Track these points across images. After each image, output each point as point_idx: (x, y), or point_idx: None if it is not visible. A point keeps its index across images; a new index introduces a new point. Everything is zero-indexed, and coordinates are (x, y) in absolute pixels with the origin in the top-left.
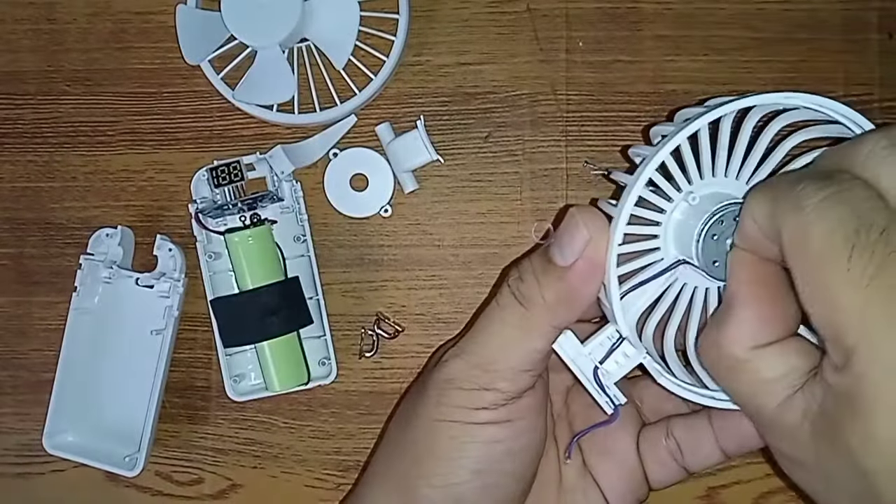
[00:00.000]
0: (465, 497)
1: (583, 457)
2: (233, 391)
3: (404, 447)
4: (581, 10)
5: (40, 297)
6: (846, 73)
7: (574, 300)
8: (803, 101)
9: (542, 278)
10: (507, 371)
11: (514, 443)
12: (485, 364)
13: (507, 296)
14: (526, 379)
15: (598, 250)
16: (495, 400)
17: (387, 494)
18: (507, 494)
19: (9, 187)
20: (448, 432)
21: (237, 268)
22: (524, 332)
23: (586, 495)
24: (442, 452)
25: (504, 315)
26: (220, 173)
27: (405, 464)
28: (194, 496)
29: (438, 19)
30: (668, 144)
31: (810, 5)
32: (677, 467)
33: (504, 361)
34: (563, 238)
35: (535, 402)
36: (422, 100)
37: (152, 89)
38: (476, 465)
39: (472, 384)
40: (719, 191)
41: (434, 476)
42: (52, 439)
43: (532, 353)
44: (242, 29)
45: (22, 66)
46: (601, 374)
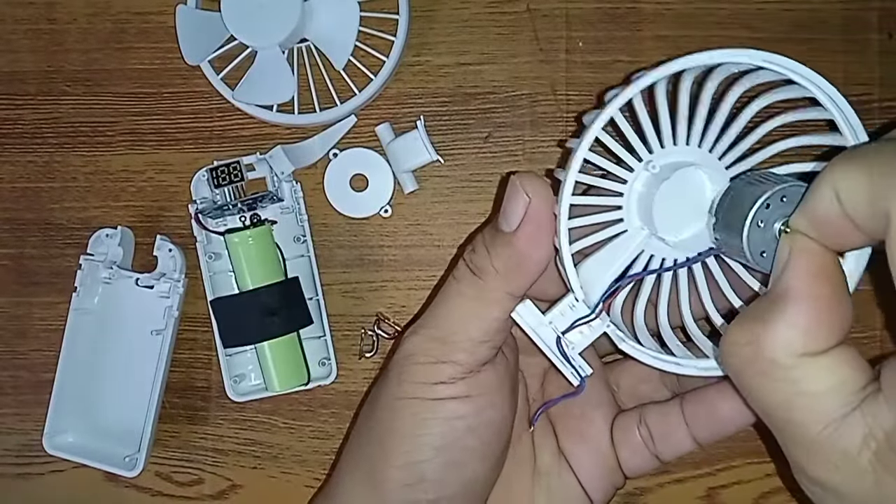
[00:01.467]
0: (428, 475)
1: (557, 441)
2: (233, 391)
3: (369, 431)
4: (581, 10)
5: (40, 297)
6: (846, 73)
7: (524, 265)
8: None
9: (491, 247)
10: (464, 342)
11: (475, 419)
12: (443, 337)
13: (462, 268)
14: (484, 351)
15: (541, 212)
16: (453, 373)
17: (356, 482)
18: (473, 473)
19: (9, 187)
20: (409, 409)
21: (237, 268)
22: (480, 302)
23: (561, 478)
24: (404, 430)
25: (460, 287)
26: (220, 173)
27: (371, 448)
28: (194, 496)
29: (438, 19)
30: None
31: (810, 5)
32: (649, 455)
33: (462, 332)
34: (506, 205)
35: (495, 377)
36: (422, 100)
37: (152, 89)
38: (438, 442)
39: (430, 357)
40: (680, 160)
41: (397, 455)
42: (52, 439)
43: (489, 323)
44: (242, 29)
45: (22, 66)
46: (565, 345)
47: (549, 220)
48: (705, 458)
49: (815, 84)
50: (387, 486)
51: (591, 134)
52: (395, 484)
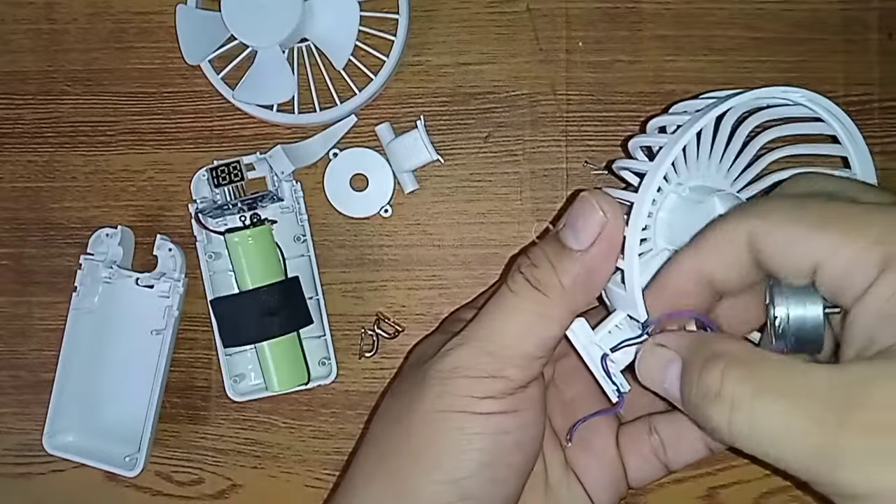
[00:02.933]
0: (471, 492)
1: (564, 452)
2: (233, 391)
3: (397, 444)
4: (581, 10)
5: (40, 297)
6: (846, 73)
7: (592, 283)
8: (802, 99)
9: (557, 263)
10: (519, 358)
11: (521, 434)
12: (497, 351)
13: (520, 282)
14: (536, 367)
15: (615, 232)
16: (504, 388)
17: (376, 497)
18: (511, 490)
19: (9, 187)
20: (453, 423)
21: (237, 268)
22: (542, 318)
23: (570, 490)
24: (447, 445)
25: (518, 302)
26: (220, 173)
27: (399, 461)
28: (194, 496)
29: (438, 19)
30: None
31: (810, 5)
32: (658, 464)
33: (518, 348)
34: (577, 222)
35: (539, 393)
36: (422, 100)
37: (152, 89)
38: (485, 458)
39: (480, 371)
40: (708, 184)
41: (439, 470)
42: (52, 439)
43: (547, 340)
44: (242, 29)
45: (22, 66)
46: (609, 363)
47: (619, 241)
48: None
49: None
50: (419, 501)
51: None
52: (432, 501)
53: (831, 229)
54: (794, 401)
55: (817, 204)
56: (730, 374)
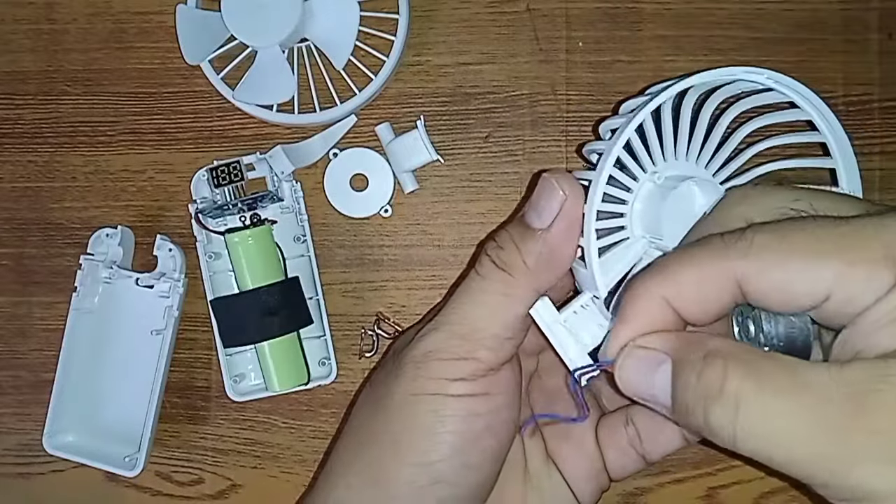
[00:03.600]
0: (444, 476)
1: (545, 442)
2: (233, 391)
3: (375, 431)
4: (581, 10)
5: (40, 297)
6: (846, 73)
7: (555, 261)
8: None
9: (521, 244)
10: (489, 339)
11: (493, 418)
12: (467, 333)
13: (487, 265)
14: (507, 348)
15: (575, 209)
16: (475, 370)
17: (354, 486)
18: (484, 474)
19: (9, 187)
20: (427, 406)
21: (237, 268)
22: (508, 298)
23: (551, 480)
24: (421, 427)
25: (485, 284)
26: (220, 173)
27: (378, 448)
28: (194, 496)
29: (438, 19)
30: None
31: (810, 5)
32: (636, 455)
33: (487, 329)
34: (539, 201)
35: (512, 376)
36: (422, 100)
37: (152, 89)
38: (457, 441)
39: (452, 354)
40: (683, 172)
41: (413, 453)
42: (52, 439)
43: (515, 320)
44: (242, 29)
45: (22, 66)
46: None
47: (579, 219)
48: (705, 458)
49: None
50: (396, 486)
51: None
52: (407, 484)
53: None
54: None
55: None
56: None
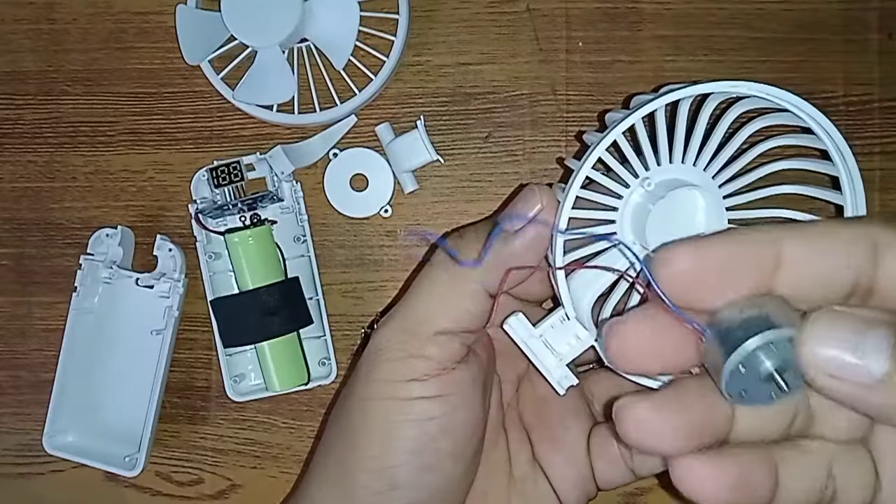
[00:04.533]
0: (401, 480)
1: (532, 448)
2: (233, 391)
3: (339, 432)
4: (581, 10)
5: (40, 297)
6: (846, 73)
7: (509, 264)
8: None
9: (481, 237)
10: (435, 334)
11: (448, 419)
12: (413, 327)
13: (439, 253)
14: (454, 346)
15: (547, 223)
16: (425, 369)
17: (326, 487)
18: (446, 477)
19: (9, 187)
20: (380, 411)
21: (237, 268)
22: (453, 290)
23: (536, 485)
24: (375, 433)
25: (434, 273)
26: (220, 173)
27: (342, 450)
28: (194, 496)
29: (438, 19)
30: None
31: (810, 5)
32: (625, 468)
33: (432, 323)
34: (516, 206)
35: (468, 376)
36: (422, 100)
37: (152, 89)
38: (410, 445)
39: (401, 352)
40: (676, 177)
41: (368, 459)
42: (52, 439)
43: (462, 315)
44: (242, 29)
45: (22, 66)
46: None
47: (547, 232)
48: None
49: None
50: (357, 492)
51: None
52: (367, 490)
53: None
54: None
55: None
56: None
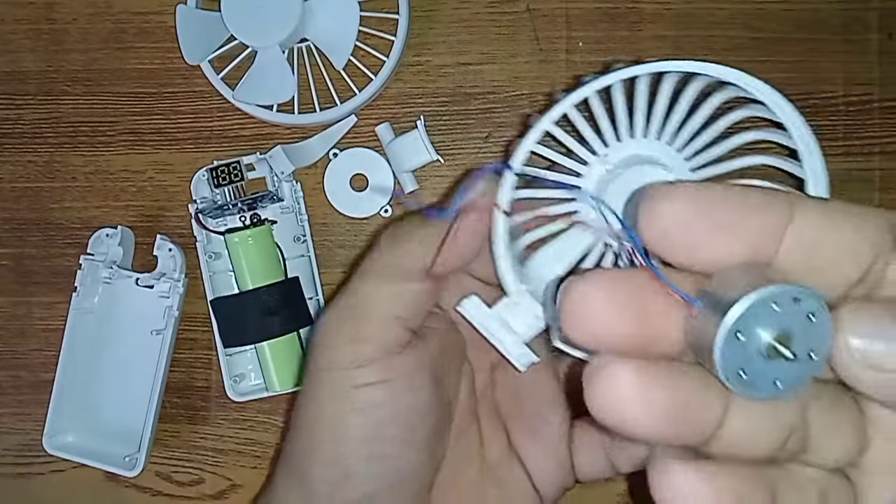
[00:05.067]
0: (354, 469)
1: (509, 436)
2: (233, 391)
3: (297, 425)
4: (581, 10)
5: (40, 297)
6: (846, 73)
7: (450, 246)
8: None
9: (423, 221)
10: (376, 317)
11: (394, 405)
12: (354, 312)
13: (382, 238)
14: (398, 329)
15: (488, 206)
16: (369, 354)
17: (289, 481)
18: (400, 464)
19: (9, 187)
20: (326, 400)
21: (237, 268)
22: (393, 273)
23: (512, 472)
24: (324, 423)
25: (375, 256)
26: (220, 173)
27: (299, 443)
28: (194, 496)
29: (438, 19)
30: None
31: (810, 5)
32: (607, 463)
33: (374, 306)
34: (458, 191)
35: (415, 361)
36: (422, 100)
37: (152, 89)
38: (359, 433)
39: (342, 339)
40: (636, 153)
41: (321, 450)
42: (52, 439)
43: (402, 296)
44: (242, 29)
45: (22, 66)
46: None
47: (486, 215)
48: None
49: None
50: (315, 485)
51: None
52: (323, 482)
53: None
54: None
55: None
56: None
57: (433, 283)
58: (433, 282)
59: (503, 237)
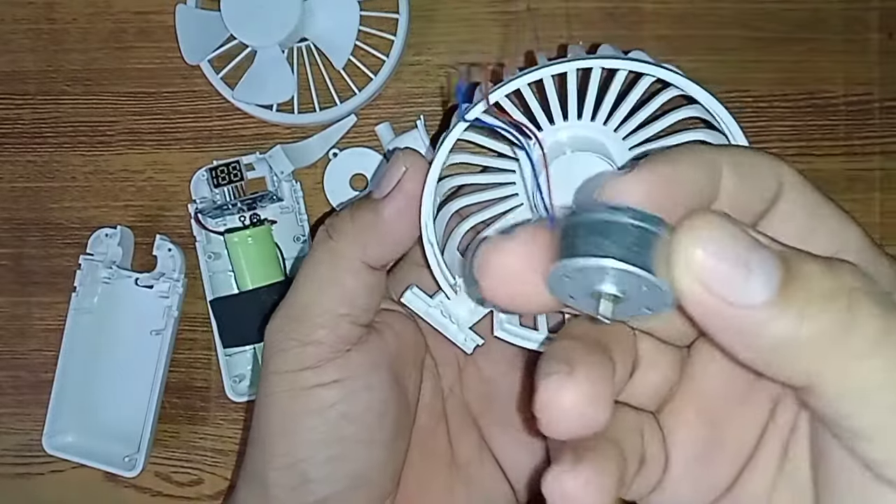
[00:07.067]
0: (312, 474)
1: (481, 432)
2: (232, 391)
3: (254, 432)
4: (581, 10)
5: (40, 297)
6: (846, 73)
7: (383, 234)
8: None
9: (355, 212)
10: (321, 316)
11: (348, 405)
12: (299, 313)
13: (319, 235)
14: (345, 326)
15: (414, 183)
16: (317, 355)
17: (249, 490)
18: (359, 464)
19: (9, 187)
20: (279, 406)
21: (237, 268)
22: (333, 267)
23: (483, 467)
24: (278, 428)
25: (315, 255)
26: (220, 173)
27: (255, 449)
28: (194, 497)
29: (438, 19)
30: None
31: (810, 5)
32: None
33: (317, 305)
34: (383, 174)
35: (367, 359)
36: (422, 100)
37: (152, 89)
38: (314, 436)
39: (290, 341)
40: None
41: (277, 456)
42: (52, 439)
43: (344, 291)
44: (242, 29)
45: (22, 66)
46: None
47: (416, 194)
48: None
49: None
50: (273, 490)
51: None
52: (281, 488)
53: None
54: None
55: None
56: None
57: (375, 275)
58: (374, 274)
59: (430, 227)
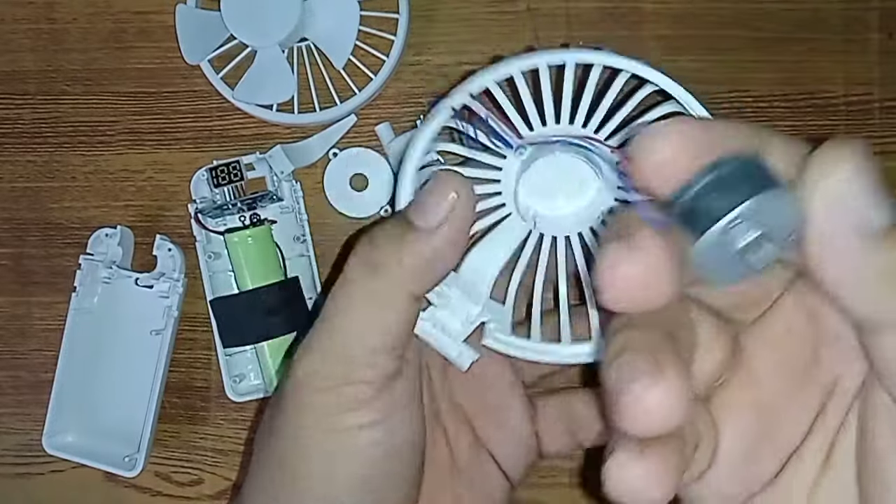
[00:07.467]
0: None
1: (475, 432)
2: (232, 391)
3: (272, 466)
4: (581, 10)
5: (40, 297)
6: (846, 73)
7: (436, 265)
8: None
9: (399, 242)
10: (367, 356)
11: (391, 442)
12: (342, 352)
13: (355, 268)
14: (389, 363)
15: (466, 213)
16: (362, 396)
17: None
18: (399, 494)
19: (8, 187)
20: (317, 446)
21: (237, 268)
22: (379, 305)
23: (482, 468)
24: (314, 467)
25: (353, 289)
26: (220, 173)
27: (280, 479)
28: (194, 497)
29: (438, 19)
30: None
31: (810, 5)
32: (569, 437)
33: (363, 345)
34: (428, 199)
35: (407, 389)
36: (422, 100)
37: (152, 89)
38: (355, 474)
39: (331, 381)
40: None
41: (311, 493)
42: (52, 439)
43: (391, 328)
44: (242, 28)
45: (22, 66)
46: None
47: (468, 223)
48: None
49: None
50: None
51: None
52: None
53: None
54: None
55: None
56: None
57: (417, 304)
58: (417, 303)
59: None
